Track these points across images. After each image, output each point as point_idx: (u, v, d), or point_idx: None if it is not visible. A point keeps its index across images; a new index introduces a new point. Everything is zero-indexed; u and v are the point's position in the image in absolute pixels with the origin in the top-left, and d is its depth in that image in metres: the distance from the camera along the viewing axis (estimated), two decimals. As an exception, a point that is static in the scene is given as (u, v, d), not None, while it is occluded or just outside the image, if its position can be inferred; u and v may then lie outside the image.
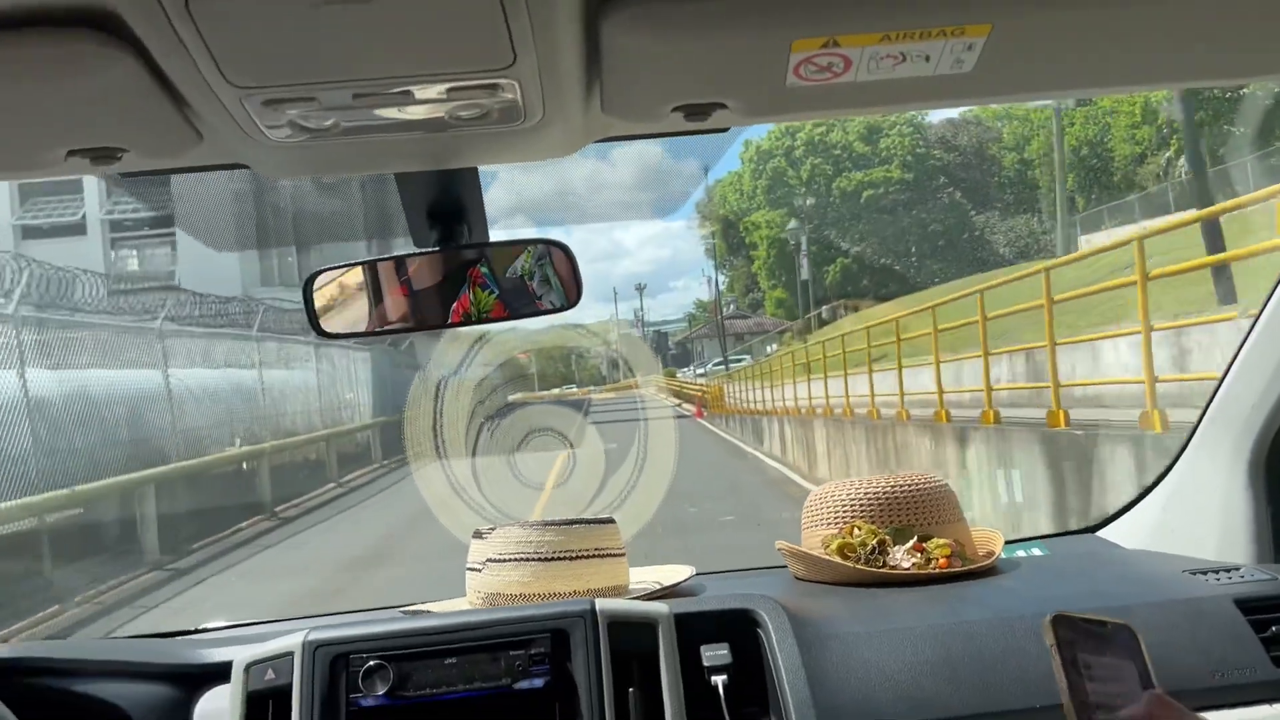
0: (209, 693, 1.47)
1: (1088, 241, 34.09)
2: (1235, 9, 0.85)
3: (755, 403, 23.41)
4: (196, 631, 1.95)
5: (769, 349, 44.52)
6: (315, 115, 0.86)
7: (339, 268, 1.31)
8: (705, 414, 30.60)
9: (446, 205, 1.26)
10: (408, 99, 0.85)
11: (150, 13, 0.69)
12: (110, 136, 0.90)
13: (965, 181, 46.70)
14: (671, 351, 58.37)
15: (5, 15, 0.72)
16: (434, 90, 0.84)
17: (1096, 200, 36.81)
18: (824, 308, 44.07)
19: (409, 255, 1.29)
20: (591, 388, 53.02)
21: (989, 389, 9.56)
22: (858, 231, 48.09)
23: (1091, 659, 0.85)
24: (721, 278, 63.82)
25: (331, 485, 17.85)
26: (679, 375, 48.49)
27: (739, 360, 43.21)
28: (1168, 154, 33.71)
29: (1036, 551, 2.02)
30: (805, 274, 45.23)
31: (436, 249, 1.28)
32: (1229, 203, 8.41)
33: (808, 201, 48.74)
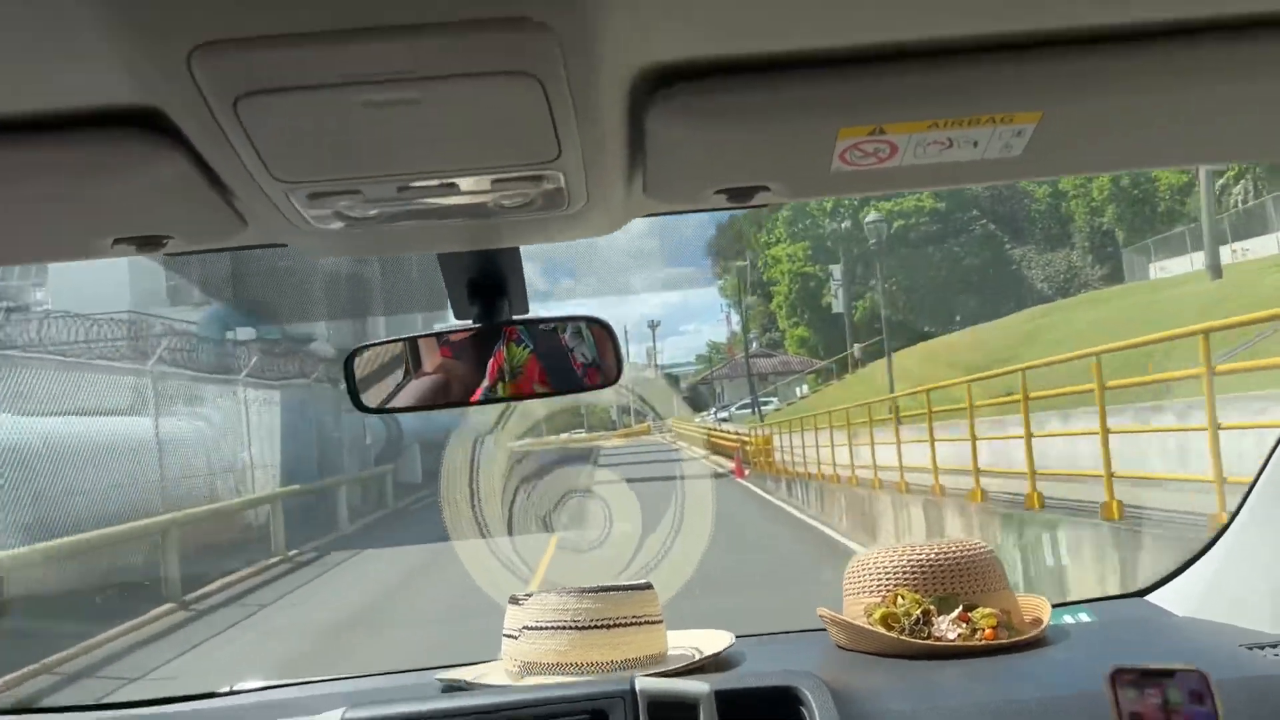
0: None
1: (1129, 273, 33.44)
2: None
3: (811, 460, 17.39)
4: (227, 694, 1.94)
5: (798, 391, 43.20)
6: (359, 206, 0.86)
7: (381, 343, 1.30)
8: (747, 472, 23.09)
9: (487, 282, 1.25)
10: (452, 190, 0.85)
11: (197, 112, 0.69)
12: (157, 226, 0.91)
13: (998, 214, 45.18)
14: (684, 395, 55.29)
15: (58, 116, 0.72)
16: (478, 182, 0.83)
17: (1139, 233, 35.74)
18: (857, 346, 42.69)
19: (449, 331, 1.29)
20: (602, 433, 50.45)
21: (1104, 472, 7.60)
22: (887, 265, 45.65)
23: (1156, 713, 0.79)
24: (736, 317, 61.05)
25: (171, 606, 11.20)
26: (697, 420, 44.97)
27: (766, 402, 41.64)
28: (1220, 181, 33.15)
29: (1084, 617, 1.97)
30: (840, 306, 43.95)
31: (476, 325, 1.28)
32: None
33: (834, 229, 47.04)
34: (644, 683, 1.39)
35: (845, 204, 45.58)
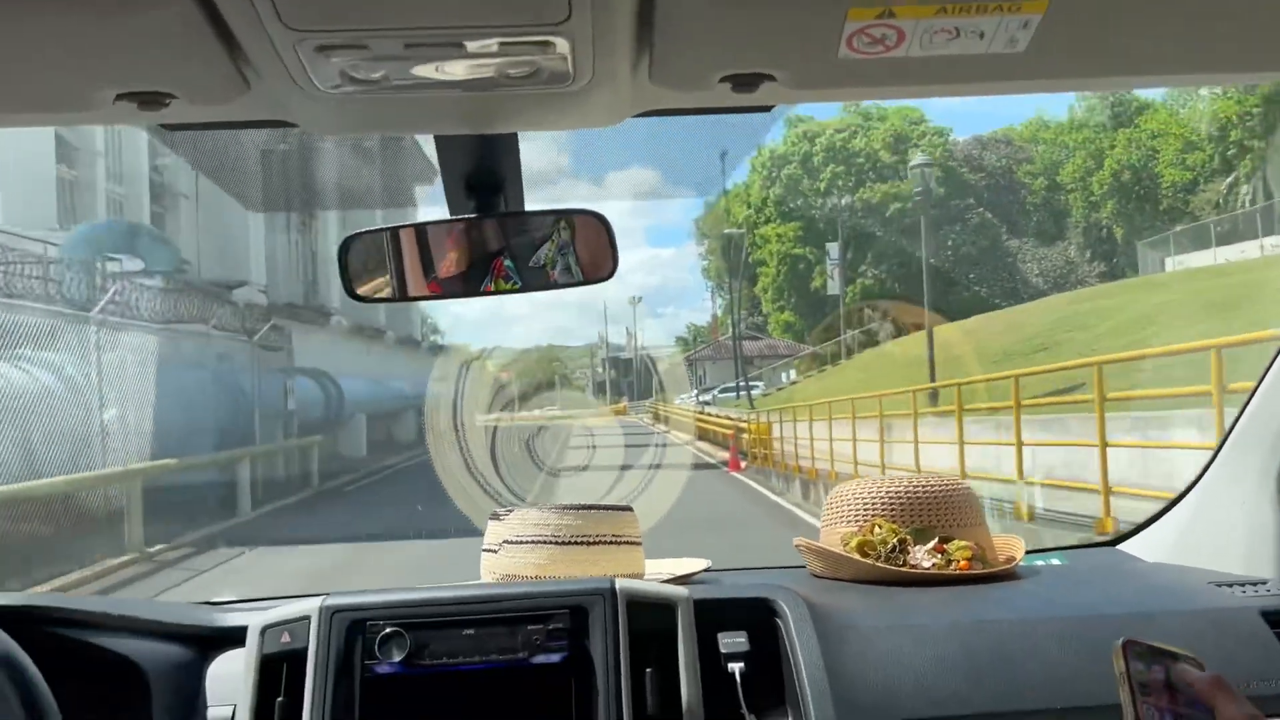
0: (223, 655, 1.47)
1: (1143, 268, 32.39)
2: None
3: (823, 455, 15.04)
4: (210, 603, 1.94)
5: (784, 377, 40.87)
6: (365, 65, 0.86)
7: (372, 231, 1.30)
8: (744, 465, 19.89)
9: (485, 172, 1.25)
10: (459, 52, 0.85)
11: None
12: (160, 80, 0.90)
13: (996, 204, 43.87)
14: (662, 376, 53.09)
15: None
16: (486, 44, 0.83)
17: (1138, 230, 34.92)
18: (850, 333, 40.87)
19: (443, 221, 1.29)
20: (576, 410, 45.61)
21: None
22: (880, 249, 43.68)
23: (1161, 688, 0.81)
24: (719, 300, 57.88)
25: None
26: (677, 402, 41.97)
27: (753, 387, 39.63)
28: (1229, 179, 31.75)
29: (1056, 561, 2.00)
30: (836, 288, 41.74)
31: (472, 216, 1.28)
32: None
33: (826, 205, 44.31)
34: (624, 583, 1.41)
35: (842, 181, 44.00)
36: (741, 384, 39.85)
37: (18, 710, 1.07)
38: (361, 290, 1.31)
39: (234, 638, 1.46)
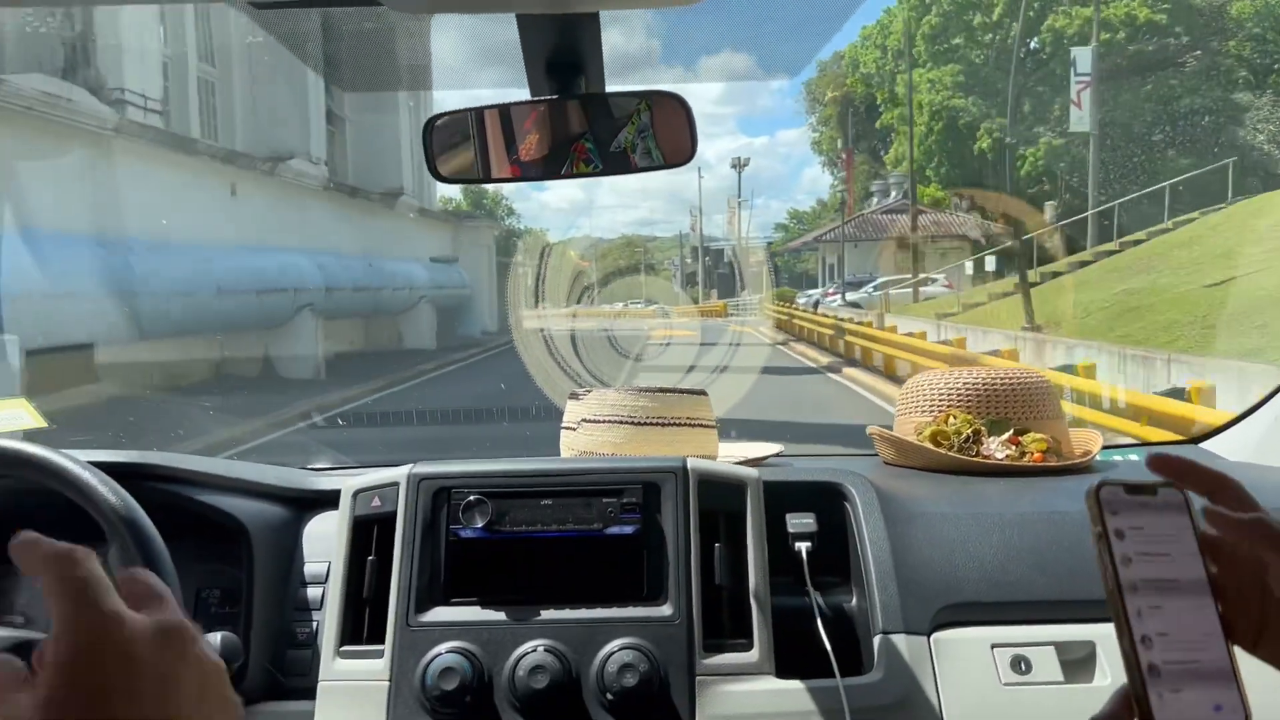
0: (318, 515, 1.56)
1: None
2: None
3: None
4: (306, 468, 2.05)
5: (986, 265, 24.98)
6: None
7: (456, 113, 1.32)
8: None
9: (566, 52, 1.25)
10: None
11: None
12: None
13: (1251, 56, 28.83)
14: (767, 269, 41.64)
15: None
16: None
17: None
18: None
19: (525, 103, 1.30)
20: (661, 306, 37.31)
21: None
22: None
23: (1140, 529, 0.77)
24: (829, 177, 46.85)
25: None
26: (801, 302, 29.27)
27: (931, 281, 27.02)
28: None
29: (1135, 457, 1.98)
30: (1086, 122, 25.37)
31: (554, 97, 1.29)
32: None
33: (995, 41, 31.01)
34: (696, 463, 1.45)
35: (1023, 8, 30.56)
36: (936, 277, 26.43)
37: (133, 553, 1.17)
38: (445, 170, 1.34)
39: (328, 499, 1.55)
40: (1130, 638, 0.69)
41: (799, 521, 1.45)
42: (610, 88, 1.34)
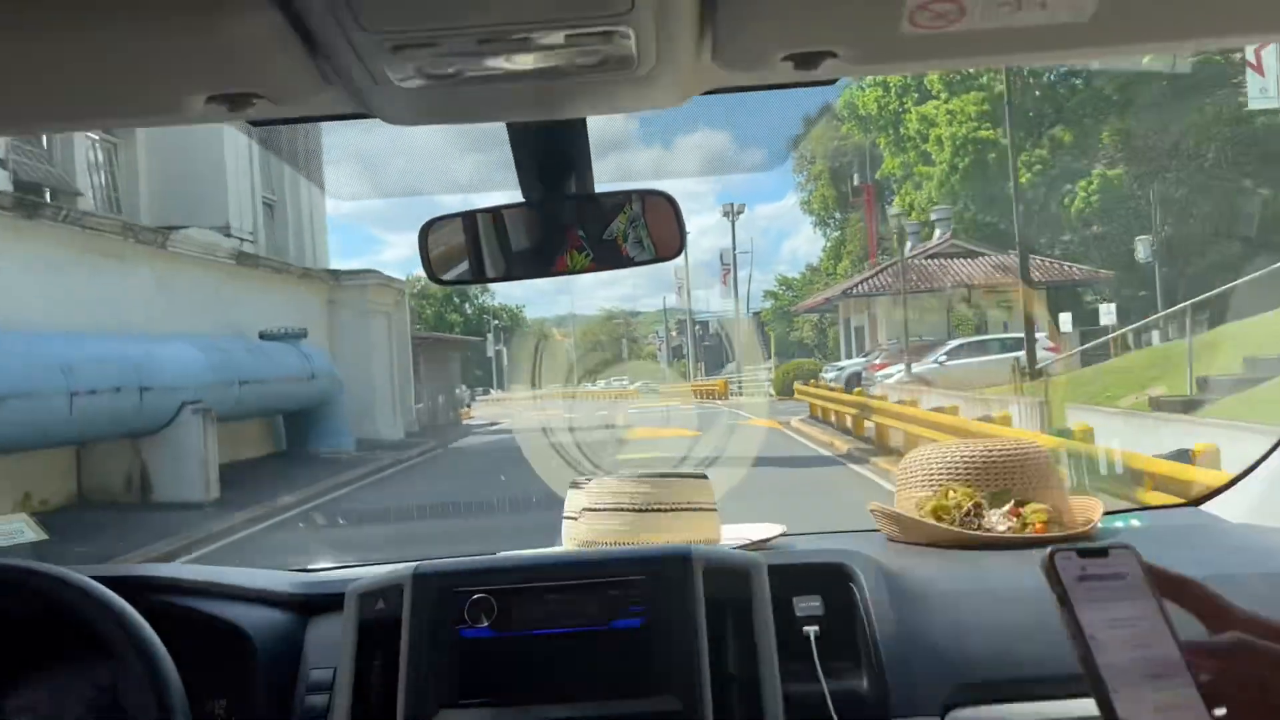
0: (322, 619, 1.55)
1: None
2: None
3: None
4: (308, 570, 2.04)
5: (1101, 316, 19.93)
6: (439, 61, 0.90)
7: (450, 216, 1.35)
8: None
9: (555, 155, 1.29)
10: (527, 45, 0.88)
11: None
12: (247, 82, 0.95)
13: None
14: (767, 335, 38.61)
15: None
16: (552, 37, 0.87)
17: None
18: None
19: (516, 205, 1.33)
20: (644, 383, 34.20)
21: None
22: (1120, 128, 25.65)
23: (1100, 593, 0.78)
24: (821, 239, 41.24)
25: None
26: (829, 378, 23.30)
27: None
28: None
29: (1136, 523, 1.98)
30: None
31: (543, 199, 1.32)
32: None
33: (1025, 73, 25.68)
34: (700, 549, 1.45)
35: None
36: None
37: (140, 671, 1.16)
38: (441, 272, 1.37)
39: (332, 603, 1.54)
40: (1104, 689, 0.71)
41: (806, 605, 1.45)
42: (599, 186, 1.38)
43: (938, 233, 29.08)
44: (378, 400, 18.85)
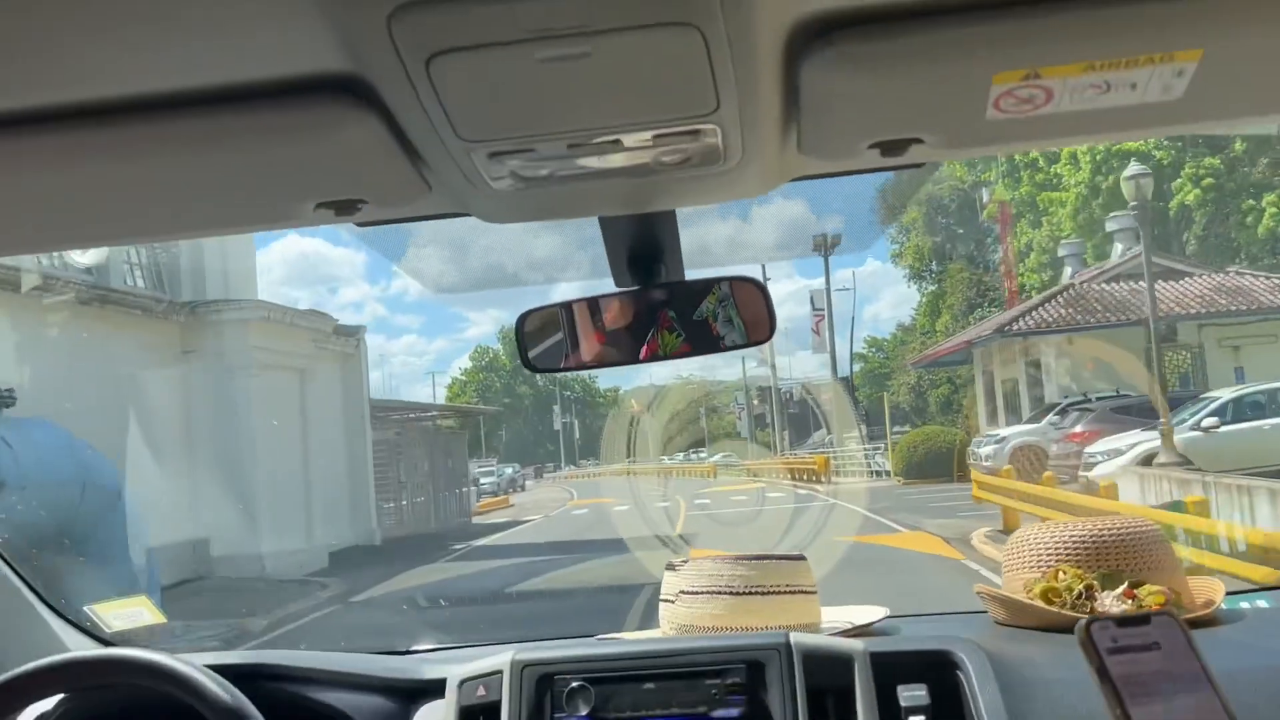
0: (425, 706, 1.57)
1: None
2: None
3: None
4: (409, 652, 2.07)
5: None
6: (533, 165, 0.94)
7: (546, 307, 1.39)
8: None
9: (645, 246, 1.32)
10: (616, 147, 0.91)
11: (393, 74, 0.77)
12: (353, 190, 1.01)
13: None
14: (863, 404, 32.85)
15: (267, 85, 0.82)
16: (641, 138, 0.89)
17: None
18: None
19: (611, 295, 1.36)
20: (724, 455, 32.67)
21: None
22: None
23: (1139, 662, 0.75)
24: (915, 293, 37.15)
25: None
26: (981, 455, 17.20)
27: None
28: None
29: (1262, 604, 1.88)
30: None
31: (635, 288, 1.35)
32: None
33: None
34: (800, 638, 1.43)
35: None
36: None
37: None
38: (537, 362, 1.40)
39: (435, 689, 1.56)
40: None
41: (911, 694, 1.41)
42: (689, 273, 1.40)
43: (1119, 248, 21.92)
44: (278, 507, 12.33)
